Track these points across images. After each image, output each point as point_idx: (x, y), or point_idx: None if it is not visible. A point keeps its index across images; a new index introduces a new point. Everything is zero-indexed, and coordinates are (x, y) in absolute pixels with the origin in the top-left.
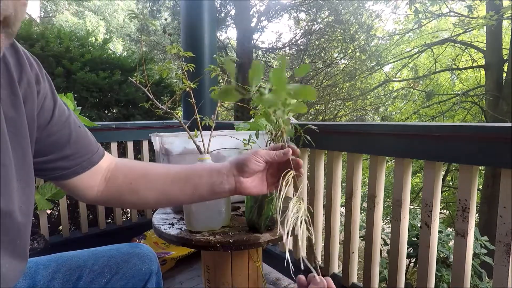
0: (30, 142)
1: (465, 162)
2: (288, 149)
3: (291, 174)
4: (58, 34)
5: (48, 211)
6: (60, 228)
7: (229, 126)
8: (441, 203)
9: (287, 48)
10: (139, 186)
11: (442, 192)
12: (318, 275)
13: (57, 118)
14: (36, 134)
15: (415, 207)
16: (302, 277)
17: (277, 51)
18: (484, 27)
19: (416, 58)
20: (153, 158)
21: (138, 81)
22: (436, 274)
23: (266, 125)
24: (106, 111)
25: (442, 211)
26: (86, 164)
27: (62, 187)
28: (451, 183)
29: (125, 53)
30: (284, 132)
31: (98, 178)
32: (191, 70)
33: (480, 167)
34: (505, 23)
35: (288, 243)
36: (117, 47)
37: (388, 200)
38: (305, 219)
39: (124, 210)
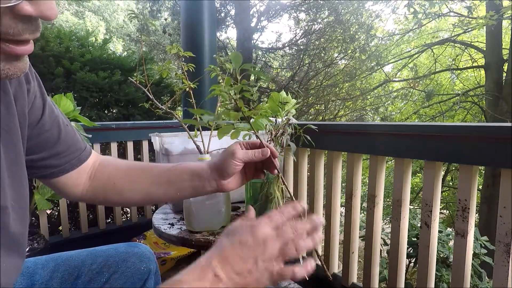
0: (22, 140)
1: (465, 162)
2: (266, 150)
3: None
4: (58, 34)
5: (48, 211)
6: (60, 228)
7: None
8: (441, 203)
9: (287, 48)
10: (123, 187)
11: (442, 192)
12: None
13: (47, 116)
14: (28, 132)
15: (415, 207)
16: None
17: (277, 51)
18: (484, 27)
19: (416, 58)
20: (153, 158)
21: (138, 81)
22: (436, 274)
23: (266, 125)
24: (106, 111)
25: (442, 211)
26: (76, 162)
27: (50, 186)
28: (451, 183)
29: (125, 53)
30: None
31: (85, 176)
32: (191, 70)
33: (480, 167)
34: (505, 23)
35: None
36: (117, 47)
37: (388, 200)
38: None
39: (124, 210)
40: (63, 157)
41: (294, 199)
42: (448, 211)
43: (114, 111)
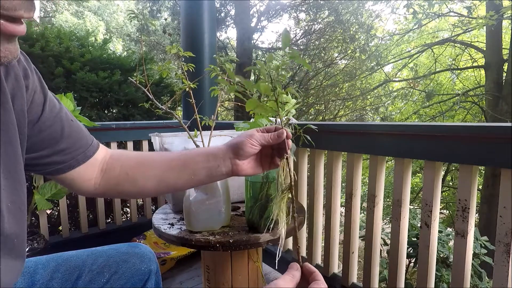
0: (20, 139)
1: (465, 162)
2: (282, 131)
3: (285, 157)
4: (58, 34)
5: (48, 211)
6: (60, 228)
7: (229, 126)
8: (441, 203)
9: (287, 48)
10: (136, 176)
11: (442, 192)
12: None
13: (48, 112)
14: (28, 130)
15: (415, 207)
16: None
17: (277, 51)
18: (484, 27)
19: (416, 58)
20: None
21: (138, 81)
22: (436, 274)
23: (266, 125)
24: (106, 111)
25: (442, 211)
26: (81, 157)
27: (59, 181)
28: (451, 183)
29: (125, 53)
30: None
31: (95, 170)
32: (191, 70)
33: (480, 167)
34: (505, 23)
35: (287, 243)
36: (117, 47)
37: (388, 200)
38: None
39: (124, 210)
40: (67, 154)
41: (294, 183)
42: (448, 211)
43: (114, 111)
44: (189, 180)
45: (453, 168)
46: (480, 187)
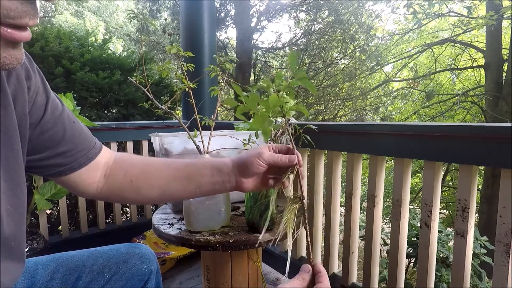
0: (21, 141)
1: (465, 162)
2: (294, 157)
3: (290, 173)
4: (57, 34)
5: (48, 211)
6: (60, 228)
7: (229, 126)
8: (441, 203)
9: (287, 48)
10: (140, 184)
11: (441, 192)
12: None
13: (50, 114)
14: (29, 132)
15: (415, 207)
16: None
17: (277, 51)
18: (484, 27)
19: (416, 58)
20: None
21: (137, 81)
22: (436, 274)
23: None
24: (105, 111)
25: (442, 211)
26: (83, 160)
27: (61, 184)
28: (451, 183)
29: (125, 53)
30: (288, 134)
31: (98, 173)
32: (191, 70)
33: (480, 167)
34: (505, 23)
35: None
36: (117, 47)
37: (388, 200)
38: (302, 219)
39: (124, 210)
40: (69, 156)
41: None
42: (448, 211)
43: (114, 111)
44: (194, 192)
45: (453, 168)
46: (480, 187)
